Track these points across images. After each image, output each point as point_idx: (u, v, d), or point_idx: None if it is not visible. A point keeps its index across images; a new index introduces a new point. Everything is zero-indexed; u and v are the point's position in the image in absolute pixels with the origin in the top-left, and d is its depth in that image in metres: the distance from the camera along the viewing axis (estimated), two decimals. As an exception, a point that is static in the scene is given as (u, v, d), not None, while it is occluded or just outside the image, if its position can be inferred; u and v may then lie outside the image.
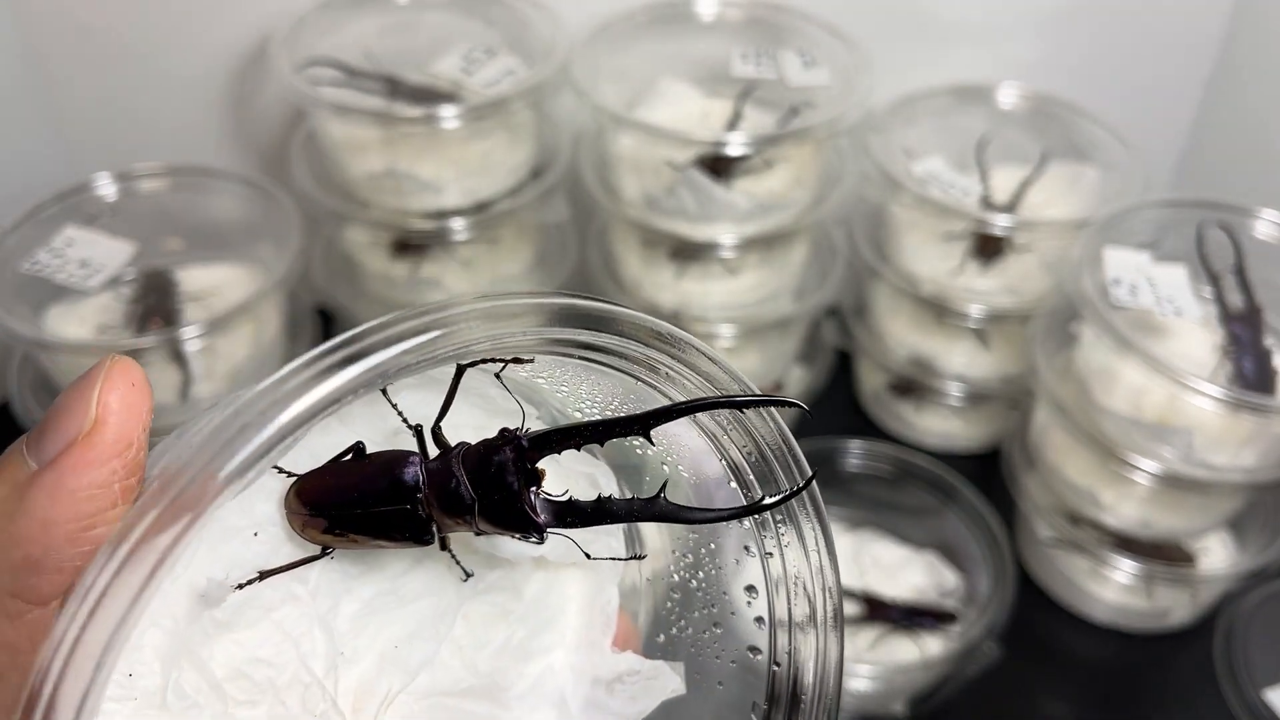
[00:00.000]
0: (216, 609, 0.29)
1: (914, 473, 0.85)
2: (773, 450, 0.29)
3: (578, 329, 0.27)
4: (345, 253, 0.87)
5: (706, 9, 0.86)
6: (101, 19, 0.85)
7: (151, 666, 0.28)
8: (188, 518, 0.23)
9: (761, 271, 0.84)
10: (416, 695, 0.32)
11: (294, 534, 0.30)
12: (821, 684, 0.30)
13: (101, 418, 0.25)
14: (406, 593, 0.32)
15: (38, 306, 0.73)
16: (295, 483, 0.30)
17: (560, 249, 0.90)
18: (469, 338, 0.26)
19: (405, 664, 0.31)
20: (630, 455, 0.33)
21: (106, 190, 0.78)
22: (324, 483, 0.29)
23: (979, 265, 0.83)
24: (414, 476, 0.28)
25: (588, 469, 0.33)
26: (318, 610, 0.30)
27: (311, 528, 0.29)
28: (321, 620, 0.30)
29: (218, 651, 0.29)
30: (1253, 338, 0.71)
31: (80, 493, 0.24)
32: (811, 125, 0.78)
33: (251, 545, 0.30)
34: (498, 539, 0.31)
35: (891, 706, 0.75)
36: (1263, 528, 0.79)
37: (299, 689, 0.30)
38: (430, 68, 0.82)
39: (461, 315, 0.26)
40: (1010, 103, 0.88)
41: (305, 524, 0.30)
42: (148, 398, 0.26)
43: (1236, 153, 0.92)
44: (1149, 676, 0.79)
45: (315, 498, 0.29)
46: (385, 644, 0.31)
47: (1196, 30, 0.90)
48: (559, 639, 0.33)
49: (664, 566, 0.34)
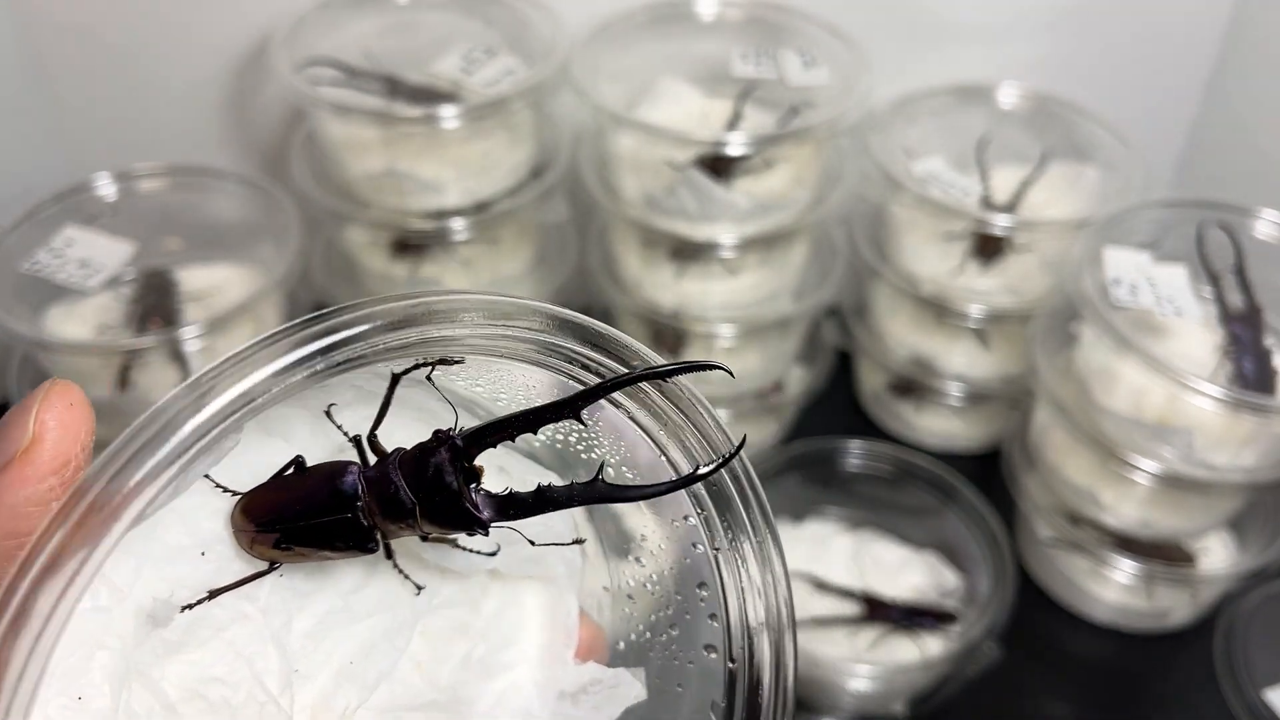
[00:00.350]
0: (165, 629, 0.29)
1: (914, 473, 0.85)
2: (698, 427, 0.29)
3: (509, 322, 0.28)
4: (345, 253, 0.87)
5: (706, 9, 0.86)
6: (101, 19, 0.85)
7: (101, 689, 0.27)
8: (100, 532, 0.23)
9: (761, 271, 0.84)
10: (375, 711, 0.31)
11: (242, 552, 0.30)
12: (777, 676, 0.30)
13: (38, 435, 0.25)
14: (360, 609, 0.32)
15: (38, 306, 0.73)
16: (240, 500, 0.30)
17: (560, 249, 0.90)
18: (397, 338, 0.26)
19: (362, 679, 0.31)
20: (572, 458, 0.33)
21: (106, 190, 0.78)
22: (268, 498, 0.30)
23: (979, 265, 0.83)
24: (353, 485, 0.29)
25: (537, 476, 0.33)
26: (270, 627, 0.30)
27: (259, 544, 0.30)
28: (274, 637, 0.30)
29: (170, 672, 0.29)
30: (1253, 338, 0.71)
31: (17, 509, 0.25)
32: (811, 125, 0.78)
33: (199, 565, 0.30)
34: (448, 551, 0.32)
35: (891, 706, 0.75)
36: (1263, 528, 0.79)
37: (254, 707, 0.30)
38: (430, 68, 0.82)
39: (390, 313, 0.26)
40: (1010, 103, 0.88)
41: (253, 540, 0.30)
42: (87, 418, 0.26)
43: (1236, 153, 0.92)
44: (1149, 676, 0.79)
45: (261, 513, 0.29)
46: (340, 660, 0.31)
47: (1196, 30, 0.90)
48: (521, 654, 0.33)
49: (618, 573, 0.34)
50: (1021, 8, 0.88)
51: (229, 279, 0.79)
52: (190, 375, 0.25)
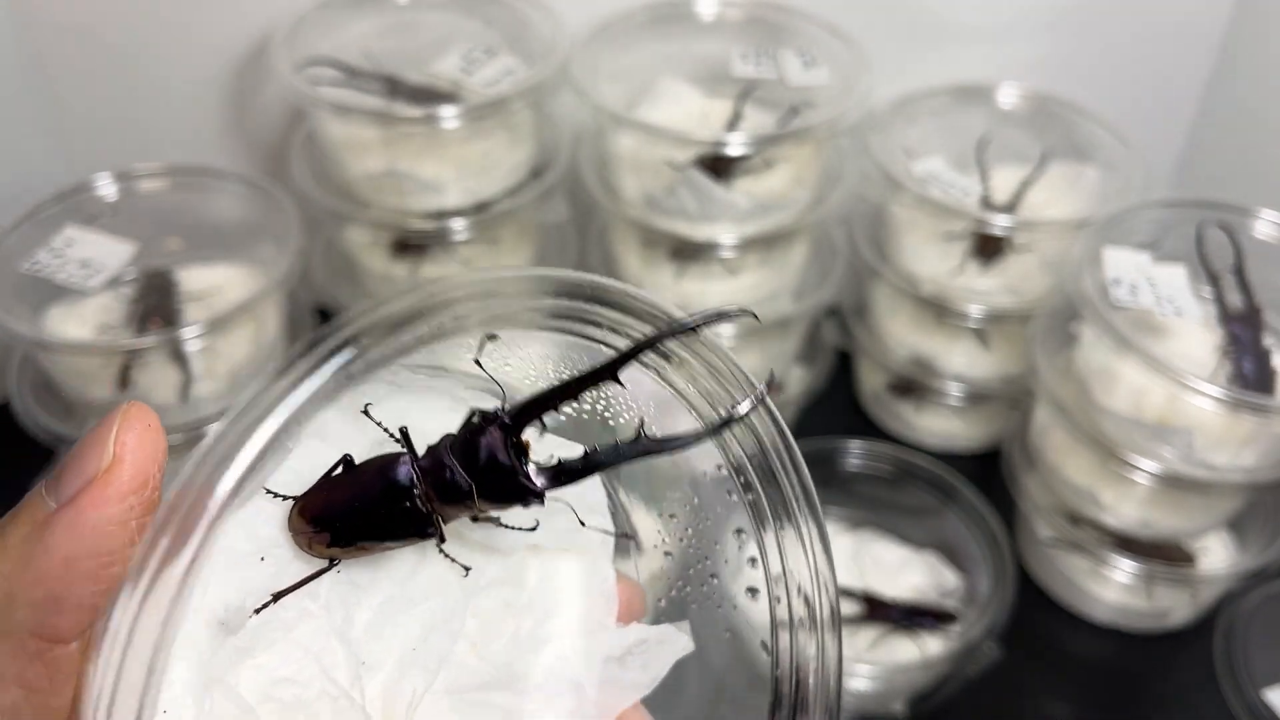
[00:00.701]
0: (236, 635, 0.29)
1: (914, 473, 0.85)
2: (721, 375, 0.30)
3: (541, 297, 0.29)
4: (345, 253, 0.87)
5: (706, 9, 0.86)
6: (101, 19, 0.86)
7: (183, 700, 0.28)
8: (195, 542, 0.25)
9: (761, 271, 0.84)
10: (440, 694, 0.32)
11: (299, 553, 0.31)
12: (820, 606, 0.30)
13: (119, 455, 0.26)
14: (415, 595, 0.32)
15: (38, 306, 0.73)
16: (297, 502, 0.31)
17: (560, 249, 0.90)
18: (451, 316, 0.28)
19: (425, 664, 0.32)
20: (595, 428, 0.33)
21: (107, 190, 0.78)
22: (324, 498, 0.30)
23: (979, 265, 0.83)
24: (408, 474, 0.29)
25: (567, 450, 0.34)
26: (333, 623, 0.31)
27: (318, 543, 0.30)
28: (338, 632, 0.31)
29: (244, 677, 0.30)
30: (1252, 338, 0.71)
31: (100, 529, 0.25)
32: (811, 125, 0.78)
33: (260, 569, 0.30)
34: (491, 530, 0.32)
35: (891, 706, 0.75)
36: (1263, 528, 0.79)
37: (328, 702, 0.30)
38: (430, 68, 0.82)
39: (446, 298, 0.28)
40: (1010, 103, 0.88)
41: (311, 540, 0.30)
42: (162, 440, 0.27)
43: (1236, 153, 0.92)
44: (1149, 676, 0.79)
45: (318, 513, 0.30)
46: (402, 647, 0.32)
47: (1196, 30, 0.90)
48: (565, 625, 0.33)
49: (652, 531, 0.35)
50: (1021, 8, 0.88)
51: (229, 279, 0.79)
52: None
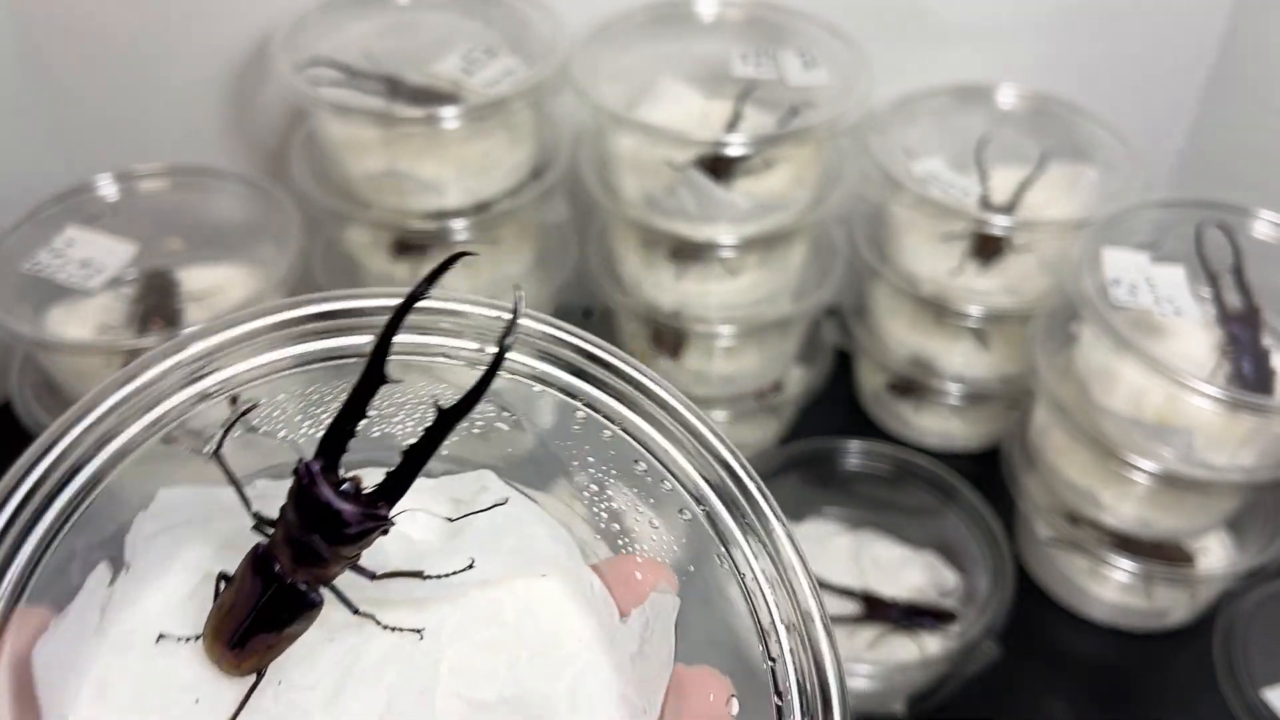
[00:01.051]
0: None
1: (914, 473, 0.85)
2: (482, 315, 0.33)
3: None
4: (346, 253, 0.87)
5: (706, 9, 0.86)
6: (101, 19, 0.86)
7: None
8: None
9: (761, 272, 0.84)
10: None
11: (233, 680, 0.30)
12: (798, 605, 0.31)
13: None
14: (369, 671, 0.31)
15: (39, 306, 0.73)
16: (205, 633, 0.30)
17: (560, 249, 0.90)
18: None
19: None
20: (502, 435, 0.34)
21: (107, 190, 0.78)
22: (223, 618, 0.30)
23: (979, 265, 0.83)
24: (264, 557, 0.29)
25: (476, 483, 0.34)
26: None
27: (242, 660, 0.30)
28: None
29: None
30: (1251, 338, 0.71)
31: None
32: (811, 125, 0.78)
33: (195, 712, 0.30)
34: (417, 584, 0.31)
35: (891, 706, 0.75)
36: (1262, 528, 0.79)
37: None
38: (430, 68, 0.82)
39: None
40: (1010, 103, 0.88)
41: (235, 661, 0.30)
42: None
43: (1236, 153, 0.92)
44: (1148, 676, 0.79)
45: (227, 634, 0.30)
46: (378, 716, 0.30)
47: (1196, 30, 0.90)
48: (576, 643, 0.32)
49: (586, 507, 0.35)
50: (1021, 8, 0.88)
51: (230, 279, 0.79)
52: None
